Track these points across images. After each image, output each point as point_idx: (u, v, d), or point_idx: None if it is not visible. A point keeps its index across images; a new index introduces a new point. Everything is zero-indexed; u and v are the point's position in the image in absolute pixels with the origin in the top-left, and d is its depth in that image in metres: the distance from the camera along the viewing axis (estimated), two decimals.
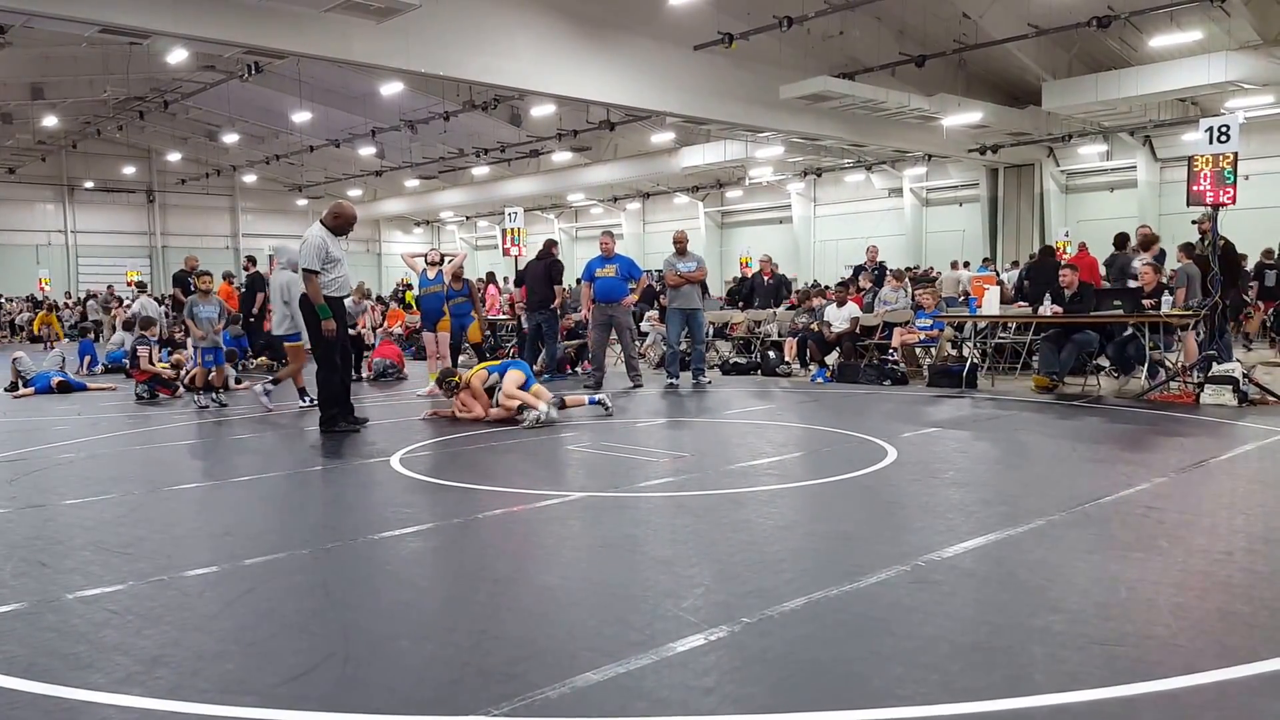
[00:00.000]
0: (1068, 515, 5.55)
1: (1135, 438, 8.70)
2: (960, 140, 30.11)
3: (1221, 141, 10.82)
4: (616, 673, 3.39)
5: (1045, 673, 3.35)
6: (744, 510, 5.90)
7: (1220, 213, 11.33)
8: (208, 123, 39.02)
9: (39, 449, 8.99)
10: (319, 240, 9.39)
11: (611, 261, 13.58)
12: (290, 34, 17.90)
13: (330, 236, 9.50)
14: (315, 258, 9.33)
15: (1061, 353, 11.77)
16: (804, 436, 9.18)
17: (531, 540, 5.45)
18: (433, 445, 8.76)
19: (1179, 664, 3.40)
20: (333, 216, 9.64)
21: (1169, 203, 29.49)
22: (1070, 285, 12.03)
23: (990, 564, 4.67)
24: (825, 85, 22.86)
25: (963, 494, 6.35)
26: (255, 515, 6.27)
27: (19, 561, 5.02)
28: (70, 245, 45.36)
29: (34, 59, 27.64)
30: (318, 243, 9.37)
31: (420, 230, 57.37)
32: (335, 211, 9.68)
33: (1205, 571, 4.49)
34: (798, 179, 39.57)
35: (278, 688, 3.35)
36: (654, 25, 22.30)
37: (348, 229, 9.75)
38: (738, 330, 17.69)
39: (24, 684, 3.40)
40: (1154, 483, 6.45)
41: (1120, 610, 3.96)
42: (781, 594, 4.19)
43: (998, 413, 10.37)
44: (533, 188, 41.43)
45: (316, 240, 9.39)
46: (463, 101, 27.97)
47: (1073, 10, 21.52)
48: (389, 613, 4.16)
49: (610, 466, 7.81)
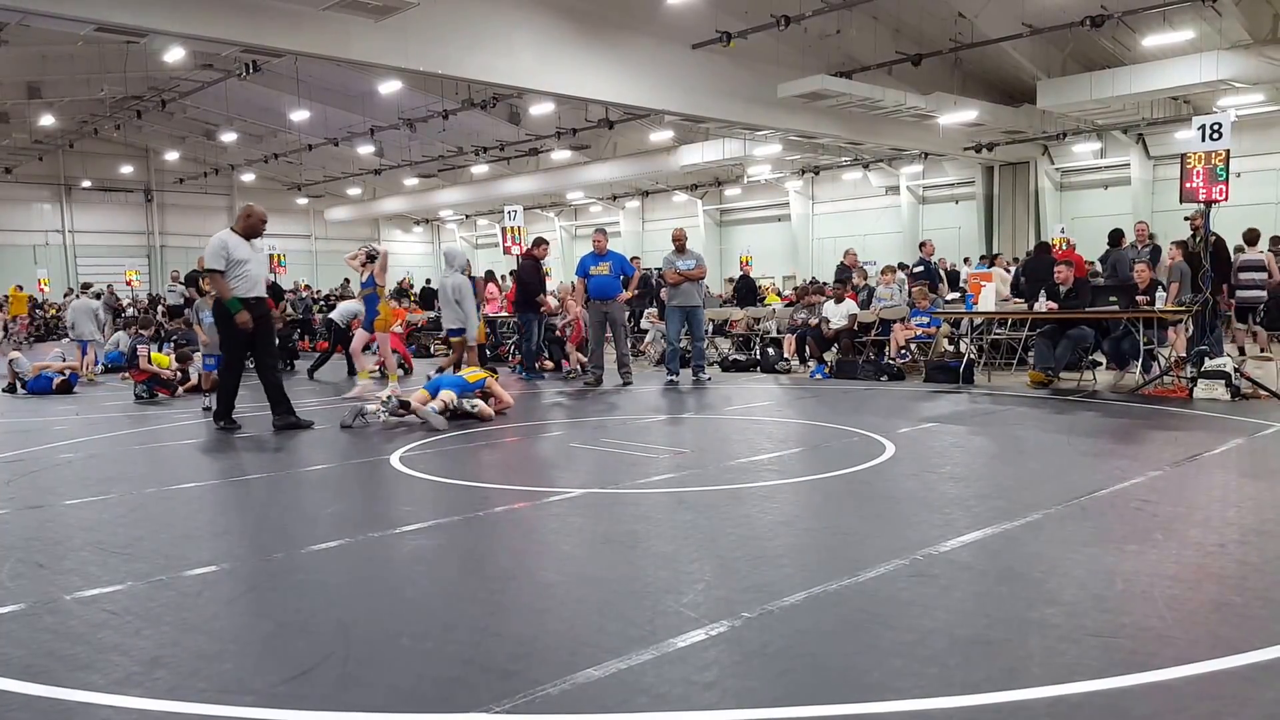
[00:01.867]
0: (1063, 509, 5.57)
1: (1129, 432, 8.76)
2: (956, 138, 30.10)
3: (1214, 139, 10.87)
4: (618, 668, 3.40)
5: (1043, 665, 3.37)
6: (744, 506, 5.92)
7: (1212, 209, 11.36)
8: (206, 121, 38.91)
9: (37, 449, 8.98)
10: (219, 242, 9.80)
11: (605, 259, 13.63)
12: (288, 32, 17.86)
13: (234, 239, 9.84)
14: (218, 258, 9.71)
15: (1057, 348, 11.85)
16: (803, 432, 9.20)
17: (532, 537, 5.46)
18: (433, 443, 8.75)
19: (1174, 655, 3.42)
20: (242, 219, 10.08)
21: (1162, 200, 29.61)
22: (1065, 281, 12.09)
23: (987, 558, 4.69)
24: (823, 84, 22.86)
25: (960, 488, 6.36)
26: (254, 515, 6.29)
27: (17, 562, 5.01)
28: (68, 245, 45.22)
29: (30, 58, 27.57)
30: (217, 245, 9.78)
31: (420, 229, 57.33)
32: (244, 214, 10.13)
33: (1199, 564, 4.52)
34: (796, 177, 39.57)
35: (277, 687, 3.35)
36: (652, 24, 22.28)
37: (258, 231, 10.06)
38: (737, 327, 17.71)
39: (22, 685, 3.39)
40: (1148, 476, 6.48)
41: (1116, 602, 3.98)
42: (781, 589, 4.21)
43: (994, 408, 10.40)
44: (532, 186, 41.37)
45: (217, 242, 9.81)
46: (461, 100, 27.92)
47: (1066, 10, 21.54)
48: (389, 611, 4.16)
49: (611, 463, 7.83)
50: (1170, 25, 22.23)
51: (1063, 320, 11.90)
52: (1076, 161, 33.20)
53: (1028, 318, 12.71)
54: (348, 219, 51.98)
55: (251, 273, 9.85)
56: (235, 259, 9.71)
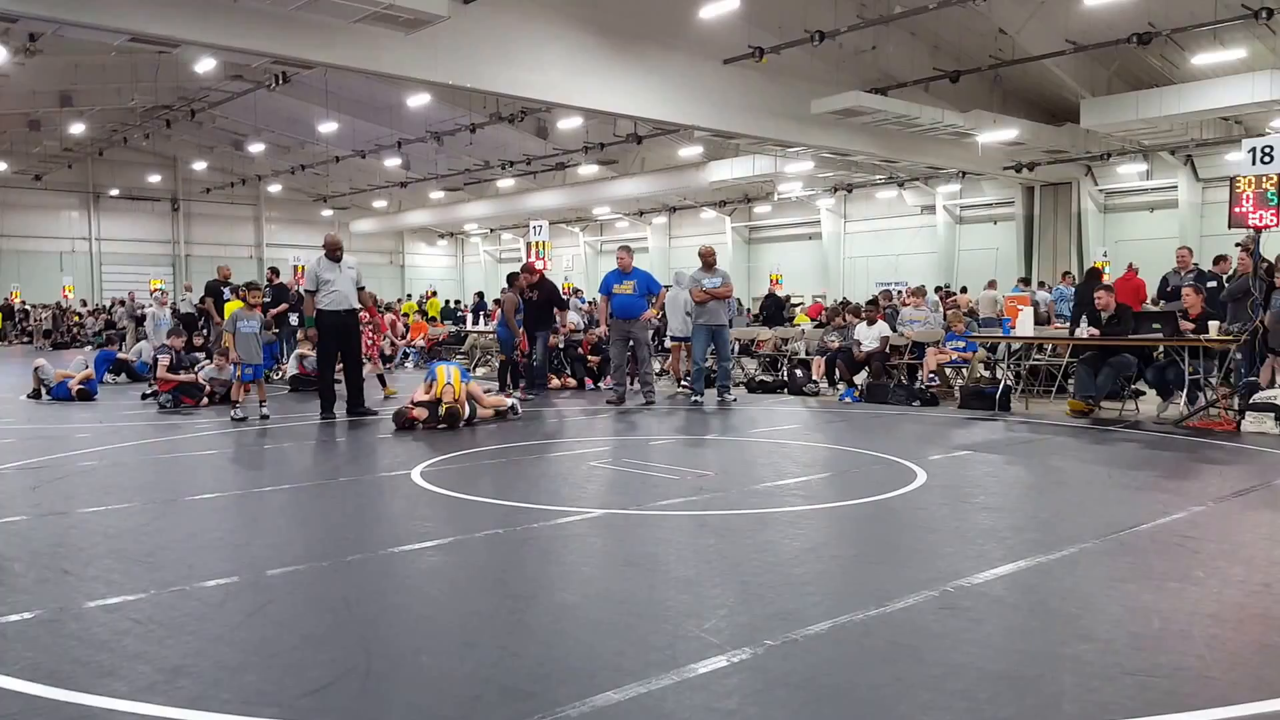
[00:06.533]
0: (1102, 543, 5.47)
1: (1173, 465, 8.58)
2: (995, 157, 29.84)
3: (1265, 162, 10.66)
4: (637, 692, 3.36)
5: (1075, 702, 3.29)
6: (769, 531, 5.85)
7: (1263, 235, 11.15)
8: (234, 132, 39.27)
9: (61, 456, 9.01)
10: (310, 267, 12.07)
11: (630, 277, 13.51)
12: (319, 45, 17.97)
13: (325, 262, 11.80)
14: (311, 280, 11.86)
15: (1098, 376, 11.54)
16: (831, 457, 9.12)
17: (553, 556, 5.42)
18: (454, 459, 8.74)
19: (1213, 696, 3.33)
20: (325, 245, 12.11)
21: (1211, 224, 28.70)
22: (1106, 307, 11.75)
23: (1021, 591, 4.61)
24: (857, 100, 22.64)
25: (993, 519, 6.27)
26: (276, 526, 6.28)
27: (41, 569, 5.03)
28: (94, 253, 45.67)
29: (64, 67, 27.84)
30: (310, 269, 12.05)
31: (444, 242, 57.57)
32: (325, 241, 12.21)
33: (1242, 603, 4.41)
34: (828, 194, 39.32)
35: (299, 700, 3.34)
36: (684, 39, 22.27)
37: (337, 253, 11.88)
38: (764, 347, 17.58)
39: (47, 690, 3.42)
40: (1191, 511, 6.34)
41: (1153, 641, 3.90)
42: (806, 617, 4.15)
43: (1031, 436, 10.26)
44: (558, 200, 41.47)
45: (310, 267, 12.10)
46: (489, 113, 28.05)
47: (1112, 27, 21.21)
48: (410, 627, 4.15)
49: (632, 483, 7.78)
50: (1221, 43, 21.92)
51: (1105, 347, 11.61)
52: (1121, 183, 32.66)
53: (1069, 344, 12.47)
54: (373, 231, 52.30)
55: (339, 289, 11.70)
56: (323, 279, 11.68)
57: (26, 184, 42.43)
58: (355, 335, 12.11)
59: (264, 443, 9.86)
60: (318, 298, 11.68)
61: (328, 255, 11.84)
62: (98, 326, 32.00)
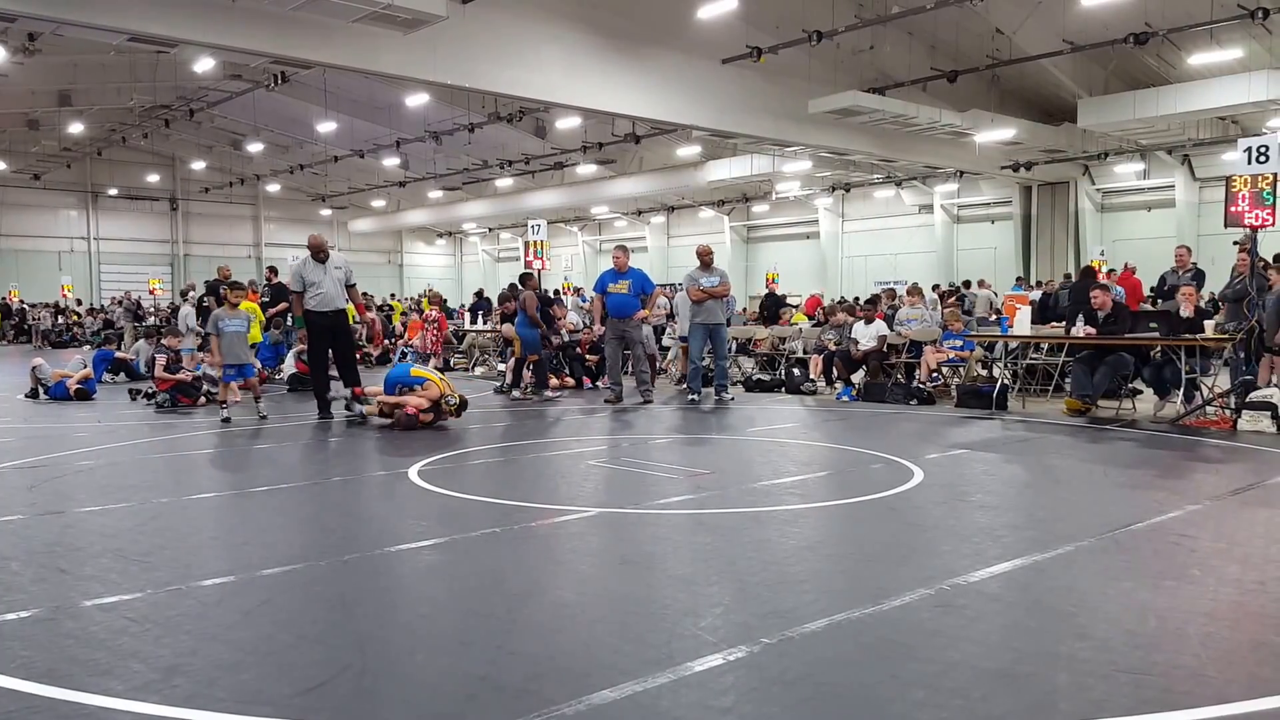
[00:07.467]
0: (1098, 541, 5.47)
1: (1169, 463, 8.58)
2: (993, 157, 29.86)
3: (1261, 162, 10.68)
4: (633, 691, 3.36)
5: (1070, 700, 3.30)
6: (765, 529, 5.85)
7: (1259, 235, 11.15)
8: (232, 131, 39.29)
9: (59, 456, 9.01)
10: (295, 267, 11.87)
11: (624, 277, 13.51)
12: (317, 44, 17.97)
13: (310, 263, 11.63)
14: (296, 281, 11.70)
15: (1095, 375, 11.56)
16: (828, 456, 9.12)
17: (549, 555, 5.42)
18: (450, 458, 8.74)
19: (1208, 694, 3.34)
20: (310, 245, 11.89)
21: (1208, 223, 28.91)
22: (1102, 306, 11.76)
23: (1017, 589, 4.61)
24: (855, 100, 22.68)
25: (990, 518, 6.26)
26: (273, 526, 6.27)
27: (38, 568, 5.03)
28: (93, 252, 45.68)
29: (62, 66, 27.84)
30: (294, 270, 11.84)
31: (442, 241, 57.59)
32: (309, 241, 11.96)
33: (1237, 601, 4.42)
34: (826, 194, 39.38)
35: (294, 699, 3.34)
36: (682, 39, 22.27)
37: (322, 253, 11.70)
38: (762, 346, 17.57)
39: (43, 689, 3.42)
40: (1187, 510, 6.35)
41: (1149, 639, 3.90)
42: (802, 615, 4.15)
43: (1028, 435, 10.26)
44: (556, 200, 41.49)
45: (294, 268, 11.88)
46: (488, 113, 28.05)
47: (1109, 27, 21.25)
48: (405, 626, 4.15)
49: (629, 482, 7.78)
50: (1218, 43, 21.95)
51: (1101, 346, 11.63)
52: (1119, 182, 32.76)
53: (1065, 343, 12.49)
54: (371, 231, 52.32)
55: (325, 290, 11.57)
56: (309, 281, 11.54)
57: (25, 183, 42.46)
58: (345, 334, 12.01)
59: (261, 442, 9.86)
60: (305, 299, 11.63)
61: (312, 256, 11.73)
62: (96, 326, 31.98)
